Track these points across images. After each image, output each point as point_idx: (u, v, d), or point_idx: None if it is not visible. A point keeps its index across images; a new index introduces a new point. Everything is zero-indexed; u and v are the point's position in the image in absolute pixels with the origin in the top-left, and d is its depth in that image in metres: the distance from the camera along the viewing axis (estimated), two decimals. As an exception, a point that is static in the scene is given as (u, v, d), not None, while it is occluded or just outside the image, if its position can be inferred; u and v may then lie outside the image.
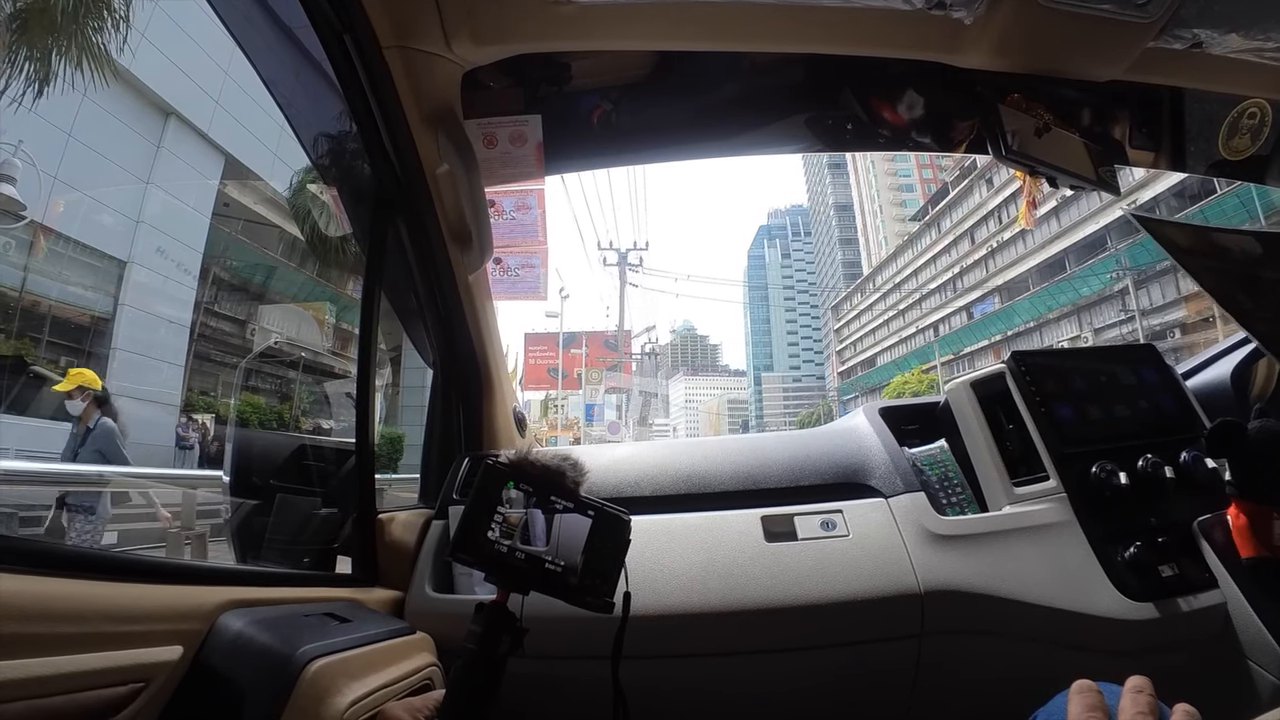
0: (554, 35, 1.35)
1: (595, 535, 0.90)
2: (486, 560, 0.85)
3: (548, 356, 31.98)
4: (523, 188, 1.72)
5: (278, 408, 13.71)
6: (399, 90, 1.32)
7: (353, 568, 1.43)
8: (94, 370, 11.14)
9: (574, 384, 32.77)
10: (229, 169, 12.99)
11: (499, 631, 0.84)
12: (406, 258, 1.59)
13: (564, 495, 0.90)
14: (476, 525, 0.85)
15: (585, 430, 30.20)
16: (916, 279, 67.34)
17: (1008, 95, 1.57)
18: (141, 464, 8.98)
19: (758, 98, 1.69)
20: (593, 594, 0.88)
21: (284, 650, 0.87)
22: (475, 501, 0.87)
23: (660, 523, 1.47)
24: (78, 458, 4.48)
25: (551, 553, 0.87)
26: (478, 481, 0.88)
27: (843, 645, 1.35)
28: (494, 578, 0.86)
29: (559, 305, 30.29)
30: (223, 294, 15.33)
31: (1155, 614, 1.22)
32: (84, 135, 10.14)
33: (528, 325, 40.97)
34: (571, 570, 0.87)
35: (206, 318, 14.37)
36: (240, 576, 1.09)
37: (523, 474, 0.89)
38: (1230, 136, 1.70)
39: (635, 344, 40.94)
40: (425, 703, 0.89)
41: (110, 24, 6.27)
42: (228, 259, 15.15)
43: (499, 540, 0.85)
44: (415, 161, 1.42)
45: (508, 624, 0.85)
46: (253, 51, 1.39)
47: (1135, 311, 34.07)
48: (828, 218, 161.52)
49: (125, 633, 0.77)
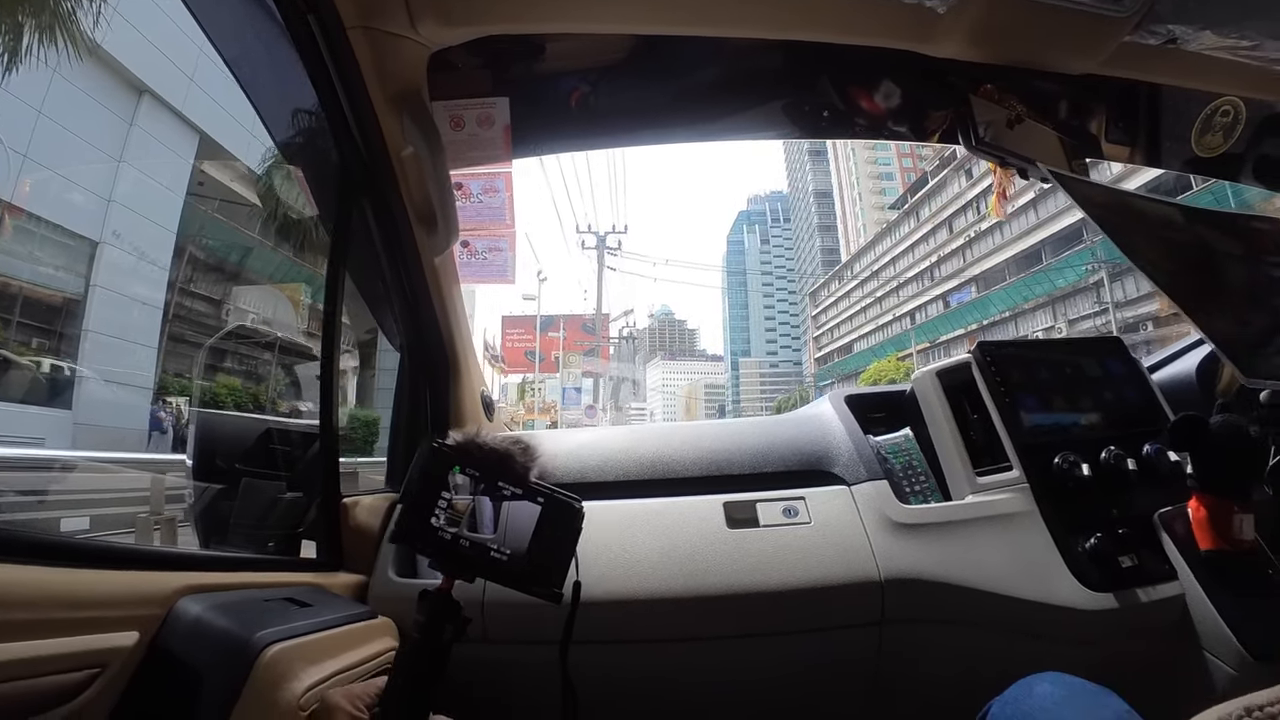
0: (522, 17, 1.34)
1: (545, 522, 0.89)
2: (429, 547, 0.84)
3: (525, 340, 31.94)
4: (490, 170, 1.71)
5: (254, 389, 13.60)
6: (363, 71, 1.30)
7: (317, 552, 1.42)
8: (66, 352, 11.03)
9: (551, 367, 32.75)
10: (204, 147, 12.82)
11: (442, 620, 0.84)
12: (373, 240, 1.58)
13: (512, 480, 0.89)
14: (420, 510, 0.84)
15: (562, 414, 30.22)
16: (894, 267, 67.68)
17: (981, 86, 1.57)
18: (116, 448, 8.92)
19: (736, 82, 1.68)
20: (541, 582, 0.87)
21: (241, 635, 0.87)
22: (420, 486, 0.85)
23: (622, 508, 1.47)
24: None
25: (499, 540, 0.86)
26: (423, 464, 0.87)
27: (803, 632, 1.36)
28: (438, 565, 0.85)
29: (537, 288, 30.20)
30: (198, 274, 15.15)
31: (1114, 604, 1.23)
32: (54, 112, 9.97)
33: (505, 308, 40.84)
34: (519, 558, 0.86)
35: (181, 298, 14.20)
36: (201, 562, 1.08)
37: (469, 457, 0.88)
38: (1203, 133, 1.71)
39: (613, 327, 40.96)
40: (367, 690, 0.88)
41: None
42: (203, 238, 14.97)
43: (444, 527, 0.84)
44: (380, 143, 1.41)
45: (451, 612, 0.84)
46: (215, 31, 1.37)
47: (1109, 304, 34.40)
48: (807, 204, 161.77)
49: (81, 619, 0.76)
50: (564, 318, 34.58)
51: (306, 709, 0.86)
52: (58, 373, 10.74)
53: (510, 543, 0.86)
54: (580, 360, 32.78)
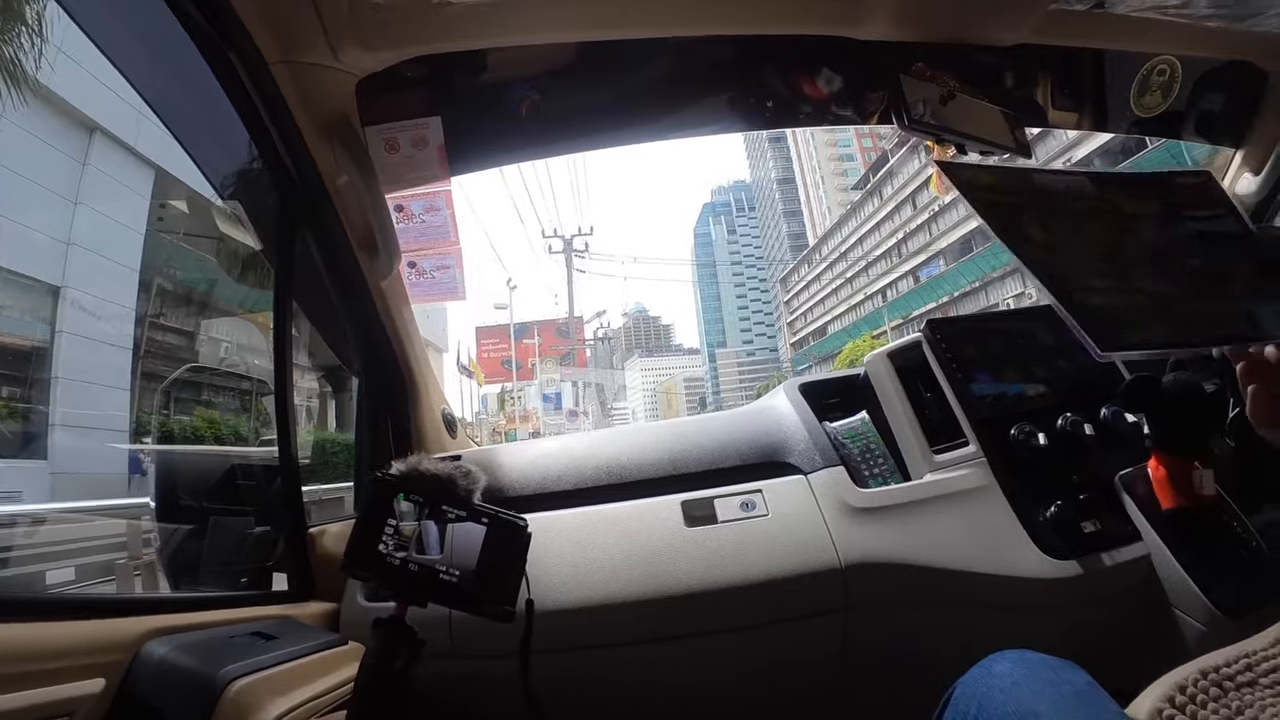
0: (445, 36, 1.35)
1: (490, 543, 0.90)
2: (378, 573, 0.85)
3: (500, 349, 31.89)
4: (430, 190, 1.71)
5: (233, 421, 13.45)
6: (290, 105, 1.31)
7: (288, 584, 1.43)
8: (37, 400, 10.87)
9: (529, 374, 32.70)
10: (160, 182, 12.66)
11: (396, 646, 0.85)
12: (319, 269, 1.58)
13: (456, 504, 0.90)
14: (367, 538, 0.85)
15: (544, 420, 30.16)
16: (862, 247, 67.97)
17: (913, 65, 1.59)
18: (96, 494, 8.79)
19: (681, 79, 1.69)
20: (491, 602, 0.88)
21: (205, 672, 0.88)
22: (365, 514, 0.86)
23: (580, 516, 1.47)
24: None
25: (445, 562, 0.87)
26: (367, 495, 0.88)
27: (767, 624, 1.36)
28: (388, 591, 0.86)
29: (508, 296, 30.15)
30: (166, 309, 14.95)
31: (1079, 570, 1.23)
32: (3, 159, 9.83)
33: (478, 320, 41.12)
34: (468, 579, 0.87)
35: (152, 333, 14.02)
36: (167, 604, 1.09)
37: (412, 485, 0.89)
38: (1141, 94, 1.74)
39: (588, 330, 40.93)
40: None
41: (25, 38, 6.07)
42: (168, 272, 14.78)
43: (391, 553, 0.85)
44: (315, 174, 1.41)
45: (404, 638, 0.85)
46: (133, 72, 1.36)
47: (1078, 265, 34.67)
48: (770, 192, 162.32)
49: (47, 670, 0.77)
50: (538, 324, 34.56)
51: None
52: (30, 423, 10.60)
53: (459, 564, 0.87)
54: (557, 365, 32.74)
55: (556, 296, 35.09)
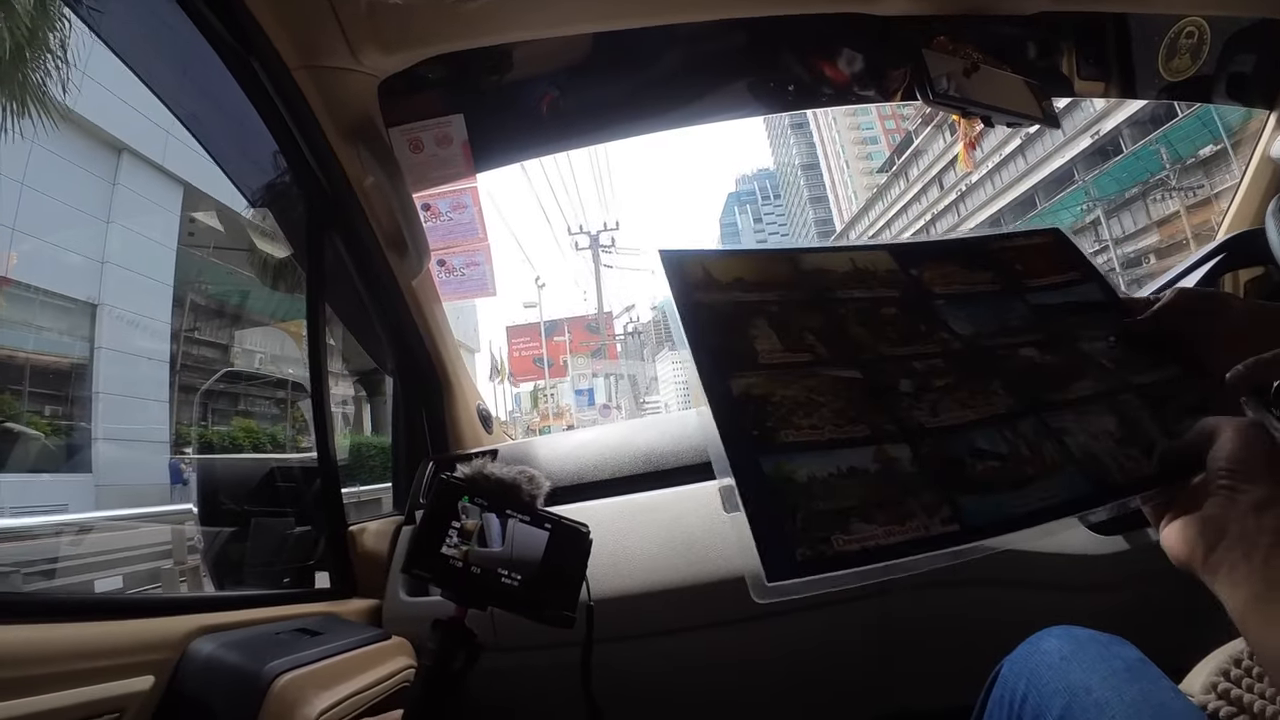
0: (464, 34, 1.35)
1: (553, 549, 0.89)
2: (441, 576, 0.85)
3: (532, 347, 32.01)
4: (456, 187, 1.72)
5: (270, 429, 13.66)
6: (314, 109, 1.32)
7: (330, 581, 1.44)
8: (80, 416, 11.11)
9: (561, 371, 32.80)
10: (189, 198, 12.85)
11: (455, 648, 0.85)
12: (350, 272, 1.60)
13: (520, 509, 0.90)
14: (431, 540, 0.85)
15: (577, 416, 30.25)
16: (889, 230, 67.20)
17: (934, 38, 1.57)
18: (139, 505, 8.98)
19: (699, 66, 1.68)
20: (551, 607, 0.87)
21: (252, 668, 0.89)
22: (429, 516, 0.86)
23: (618, 505, 1.48)
24: None
25: (507, 565, 0.86)
26: (432, 497, 0.88)
27: (805, 609, 1.34)
28: (449, 594, 0.86)
29: (536, 294, 30.25)
30: (200, 322, 15.22)
31: (1125, 545, 1.21)
32: (37, 182, 10.03)
33: (508, 319, 41.20)
34: (529, 584, 0.86)
35: (188, 347, 14.27)
36: (213, 603, 1.10)
37: (477, 489, 0.89)
38: (1169, 58, 1.70)
39: (617, 325, 40.92)
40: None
41: (51, 65, 6.20)
42: (201, 286, 15.03)
43: (453, 556, 0.85)
44: (341, 176, 1.43)
45: (463, 640, 0.85)
46: (163, 89, 1.39)
47: (1109, 241, 34.08)
48: (795, 178, 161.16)
49: (98, 668, 0.78)
50: (567, 320, 34.65)
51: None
52: (74, 437, 10.82)
53: (519, 569, 0.86)
54: (588, 362, 32.79)
55: (585, 293, 35.18)
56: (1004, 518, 0.61)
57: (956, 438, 0.66)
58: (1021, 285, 0.87)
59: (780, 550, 0.56)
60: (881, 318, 0.78)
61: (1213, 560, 0.53)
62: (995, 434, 0.67)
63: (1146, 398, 0.72)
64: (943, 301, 0.82)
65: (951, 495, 0.61)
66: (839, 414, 0.66)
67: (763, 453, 0.62)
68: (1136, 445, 0.67)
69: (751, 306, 0.76)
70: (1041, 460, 0.65)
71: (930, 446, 0.65)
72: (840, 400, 0.67)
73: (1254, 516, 0.52)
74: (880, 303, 0.80)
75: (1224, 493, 0.54)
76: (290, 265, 13.01)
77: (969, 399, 0.70)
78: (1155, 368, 0.76)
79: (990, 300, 0.84)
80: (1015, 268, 0.89)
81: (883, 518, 0.59)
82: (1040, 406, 0.71)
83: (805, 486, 0.60)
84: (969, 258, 0.90)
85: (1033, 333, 0.80)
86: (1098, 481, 0.65)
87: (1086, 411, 0.70)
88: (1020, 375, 0.74)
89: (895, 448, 0.64)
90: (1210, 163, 27.37)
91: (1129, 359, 0.77)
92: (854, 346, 0.74)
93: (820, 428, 0.65)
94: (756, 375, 0.69)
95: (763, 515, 0.58)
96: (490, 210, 1.79)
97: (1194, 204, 28.20)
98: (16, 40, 5.81)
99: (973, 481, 0.63)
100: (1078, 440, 0.67)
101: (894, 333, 0.77)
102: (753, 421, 0.64)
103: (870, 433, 0.65)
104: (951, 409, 0.69)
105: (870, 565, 0.56)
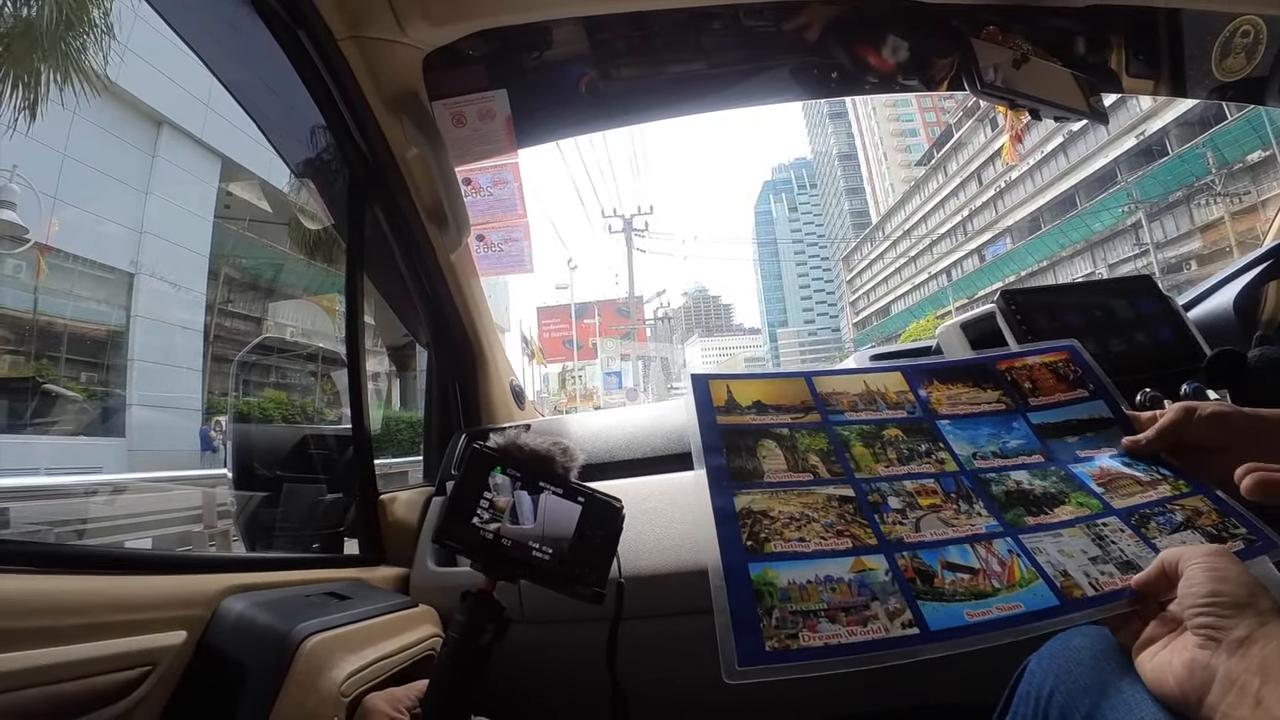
0: (510, 8, 1.35)
1: (585, 522, 0.88)
2: (471, 546, 0.85)
3: (561, 329, 32.14)
4: (497, 163, 1.72)
5: (300, 400, 13.81)
6: (359, 80, 1.33)
7: (359, 548, 1.46)
8: (115, 382, 11.34)
9: (590, 354, 32.90)
10: (226, 170, 13.01)
11: (483, 621, 0.84)
12: (389, 243, 1.61)
13: (553, 481, 0.89)
14: (462, 509, 0.84)
15: (605, 398, 30.33)
16: (926, 224, 66.78)
17: (984, 29, 1.55)
18: (170, 468, 9.17)
19: (741, 49, 1.67)
20: (582, 583, 0.85)
21: (282, 628, 0.90)
22: (461, 486, 0.85)
23: (648, 484, 1.47)
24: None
25: (538, 539, 0.86)
26: (464, 466, 0.87)
27: None
28: (479, 565, 0.86)
29: (568, 276, 30.33)
30: (234, 294, 15.44)
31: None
32: (78, 152, 10.19)
33: (539, 298, 40.86)
34: (560, 558, 0.86)
35: (220, 318, 14.48)
36: (244, 563, 1.11)
37: (510, 459, 0.88)
38: (1224, 57, 1.67)
39: (648, 309, 40.97)
40: (408, 693, 0.90)
41: (93, 38, 6.29)
42: (235, 258, 15.24)
43: (485, 526, 0.84)
44: (384, 148, 1.43)
45: (492, 613, 0.85)
46: (210, 56, 1.39)
47: (1149, 245, 33.52)
48: (832, 168, 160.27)
49: (132, 621, 0.79)
50: (598, 303, 34.73)
51: (349, 695, 0.89)
52: (109, 402, 11.04)
53: (550, 542, 0.86)
54: (617, 345, 32.85)
55: (617, 276, 35.26)
56: (962, 626, 0.68)
57: (932, 552, 0.74)
58: (1028, 405, 0.95)
59: (751, 639, 0.65)
60: (884, 439, 0.89)
61: (1208, 705, 0.53)
62: (969, 549, 0.74)
63: (1128, 518, 0.78)
64: (946, 422, 0.92)
65: (915, 603, 0.69)
66: (827, 528, 0.76)
67: (752, 559, 0.73)
68: (1111, 562, 0.73)
69: (765, 429, 0.88)
70: (1012, 574, 0.72)
71: (906, 559, 0.73)
72: (830, 515, 0.77)
73: (1240, 656, 0.52)
74: (885, 424, 0.91)
75: (1204, 633, 0.56)
76: (324, 239, 13.16)
77: (953, 518, 0.78)
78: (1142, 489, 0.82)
79: (992, 420, 0.93)
80: (1024, 386, 0.98)
81: (847, 619, 0.67)
82: (1020, 529, 0.77)
83: (784, 590, 0.69)
84: (980, 377, 0.99)
85: (1028, 454, 0.88)
86: (1063, 595, 0.70)
87: (1062, 534, 0.76)
88: (1006, 497, 0.81)
89: (873, 558, 0.73)
90: (1258, 169, 26.88)
91: (1118, 481, 0.83)
92: (854, 465, 0.84)
93: (807, 541, 0.75)
94: (760, 492, 0.81)
95: (741, 610, 0.68)
96: (526, 188, 1.79)
97: (1239, 210, 27.71)
98: (65, 13, 5.89)
99: (938, 591, 0.70)
100: (1050, 557, 0.73)
101: (894, 452, 0.87)
102: (748, 533, 0.76)
103: (851, 545, 0.74)
104: (934, 526, 0.77)
105: (830, 659, 0.65)
